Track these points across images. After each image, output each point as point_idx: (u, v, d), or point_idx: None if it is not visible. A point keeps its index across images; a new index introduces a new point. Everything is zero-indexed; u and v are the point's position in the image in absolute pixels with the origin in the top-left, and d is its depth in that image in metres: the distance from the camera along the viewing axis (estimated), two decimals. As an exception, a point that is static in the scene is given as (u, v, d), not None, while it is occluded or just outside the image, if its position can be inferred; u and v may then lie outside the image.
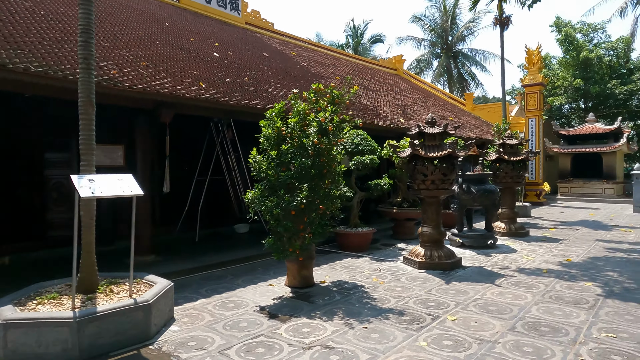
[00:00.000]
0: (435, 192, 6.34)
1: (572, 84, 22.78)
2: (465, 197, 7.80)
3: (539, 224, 11.42)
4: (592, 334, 3.82)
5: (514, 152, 9.35)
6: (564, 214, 14.18)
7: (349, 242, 7.72)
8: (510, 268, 6.38)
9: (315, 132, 5.03)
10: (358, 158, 7.58)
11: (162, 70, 6.43)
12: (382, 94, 14.18)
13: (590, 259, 6.95)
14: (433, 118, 6.55)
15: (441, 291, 5.20)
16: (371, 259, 7.08)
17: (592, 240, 8.74)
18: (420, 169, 6.34)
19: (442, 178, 6.29)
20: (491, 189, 7.88)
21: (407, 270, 6.32)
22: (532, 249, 7.83)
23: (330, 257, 7.25)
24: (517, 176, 9.30)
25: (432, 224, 6.51)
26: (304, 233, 5.07)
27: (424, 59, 31.86)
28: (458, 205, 8.10)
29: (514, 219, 9.51)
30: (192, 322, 4.22)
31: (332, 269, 6.41)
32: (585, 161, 20.54)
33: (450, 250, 6.59)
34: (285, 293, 5.20)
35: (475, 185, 7.87)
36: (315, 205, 5.01)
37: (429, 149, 6.33)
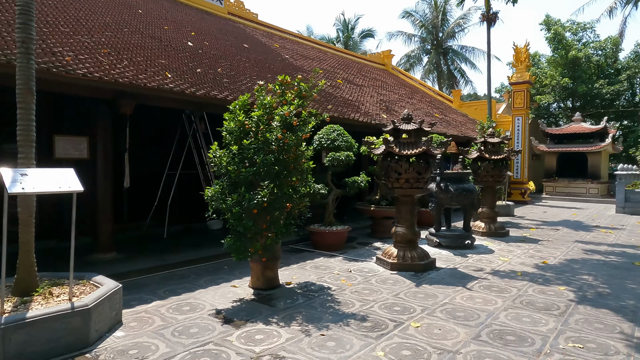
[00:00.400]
0: (410, 190, 6.13)
1: (560, 83, 22.74)
2: (443, 196, 7.61)
3: (521, 224, 11.30)
4: (559, 344, 3.64)
5: (496, 151, 9.18)
6: (547, 213, 14.12)
7: (323, 241, 7.49)
8: (484, 270, 6.20)
9: (279, 126, 4.77)
10: (333, 154, 7.34)
11: (125, 59, 6.10)
12: (367, 89, 13.93)
13: (567, 262, 6.81)
14: (409, 114, 6.33)
15: (410, 295, 5.00)
16: (344, 259, 6.87)
17: (572, 242, 8.62)
18: (394, 166, 6.12)
19: (417, 177, 6.07)
20: (470, 188, 7.70)
21: (379, 271, 6.11)
22: (509, 250, 7.68)
23: (303, 256, 7.02)
24: (498, 175, 9.13)
25: (406, 224, 6.31)
26: (267, 233, 4.82)
27: (413, 55, 31.66)
28: (435, 204, 7.91)
29: (494, 218, 9.36)
30: (140, 327, 3.96)
31: (302, 269, 6.18)
32: (570, 160, 20.55)
33: (424, 252, 6.40)
34: (246, 295, 4.95)
35: (453, 184, 7.68)
36: (279, 204, 4.76)
37: (403, 146, 6.11)
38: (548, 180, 20.84)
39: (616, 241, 8.77)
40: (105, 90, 5.53)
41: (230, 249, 4.67)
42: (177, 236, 8.20)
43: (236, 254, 4.68)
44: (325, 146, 7.54)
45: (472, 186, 7.79)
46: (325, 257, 6.97)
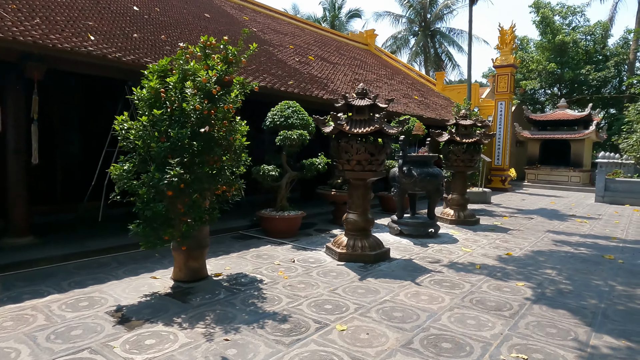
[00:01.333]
0: (362, 174, 5.53)
1: (547, 68, 22.18)
2: (406, 181, 7.04)
3: (494, 212, 10.83)
4: (500, 354, 3.11)
5: (467, 134, 8.60)
6: (525, 201, 13.68)
7: (274, 227, 6.89)
8: (441, 262, 5.67)
9: (197, 95, 4.10)
10: (285, 133, 6.68)
11: (39, 17, 5.33)
12: (341, 67, 13.21)
13: (532, 253, 6.31)
14: (364, 89, 5.68)
15: (349, 290, 4.44)
16: (293, 247, 6.29)
17: (543, 232, 8.15)
18: (345, 146, 5.50)
19: (369, 158, 5.47)
20: (434, 172, 7.13)
21: (326, 261, 5.55)
22: (475, 240, 7.16)
23: (248, 244, 6.43)
24: (469, 160, 8.57)
25: (358, 210, 5.73)
26: (186, 218, 4.20)
27: (400, 37, 30.79)
28: (398, 189, 7.34)
29: (464, 205, 8.84)
30: (14, 327, 3.34)
31: (241, 259, 5.58)
32: (554, 148, 20.14)
33: (377, 241, 5.84)
34: (163, 289, 4.35)
35: (417, 168, 7.10)
36: (198, 185, 4.13)
37: (355, 124, 5.48)
38: (530, 167, 20.44)
39: (590, 231, 8.32)
40: (10, 52, 4.78)
41: (137, 236, 4.04)
42: (115, 219, 7.51)
43: (144, 242, 4.05)
44: (278, 124, 6.88)
45: (437, 170, 7.22)
46: (273, 245, 6.39)
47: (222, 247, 6.14)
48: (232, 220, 7.58)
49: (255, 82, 4.51)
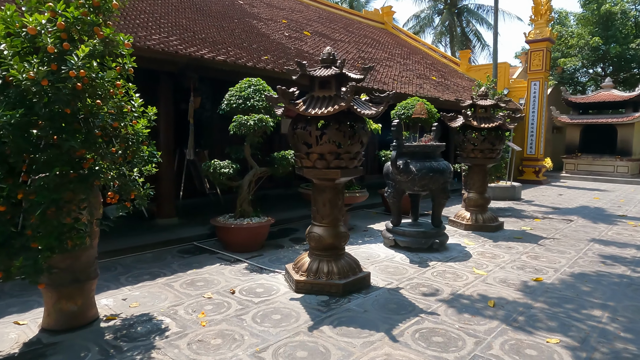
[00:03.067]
0: (326, 172, 3.98)
1: (589, 43, 19.58)
2: (402, 179, 5.41)
3: (524, 212, 8.99)
4: None
5: (487, 118, 6.84)
6: (562, 197, 11.68)
7: (230, 239, 5.45)
8: (440, 294, 4.07)
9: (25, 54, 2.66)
10: (239, 118, 5.18)
11: None
12: (344, 45, 11.55)
13: (572, 278, 4.59)
14: (330, 54, 4.08)
15: (285, 352, 2.94)
16: (247, 268, 4.82)
17: (586, 241, 6.34)
18: (301, 134, 3.96)
19: (336, 151, 3.91)
20: (439, 167, 5.47)
21: (278, 292, 4.06)
22: (494, 255, 5.48)
23: (192, 262, 5.01)
24: (489, 150, 6.82)
25: (325, 222, 4.19)
26: (36, 244, 2.80)
27: (424, 16, 28.49)
28: (392, 189, 5.73)
29: (484, 206, 7.11)
30: None
31: (164, 288, 4.17)
32: (597, 134, 17.74)
33: (352, 263, 4.29)
34: (12, 345, 2.99)
35: (417, 161, 5.46)
36: (47, 195, 2.71)
37: (315, 103, 3.92)
38: (569, 156, 18.14)
39: (649, 241, 6.45)
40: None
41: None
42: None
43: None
44: (235, 107, 5.39)
45: (444, 164, 5.55)
46: (223, 264, 4.94)
47: (153, 267, 4.75)
48: (187, 228, 6.20)
49: (129, 37, 3.01)
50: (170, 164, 6.37)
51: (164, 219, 6.39)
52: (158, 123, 6.26)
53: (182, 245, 5.73)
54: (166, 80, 6.19)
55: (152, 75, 6.22)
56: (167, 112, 6.29)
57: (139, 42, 5.12)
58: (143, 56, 5.16)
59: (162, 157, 6.48)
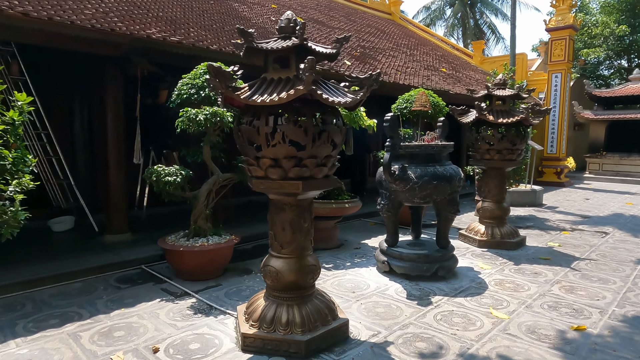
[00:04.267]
0: (282, 184, 2.84)
1: (615, 32, 18.02)
2: (399, 188, 4.24)
3: (548, 221, 7.72)
4: None
5: (506, 111, 5.62)
6: (590, 202, 10.35)
7: (181, 266, 4.36)
8: (444, 355, 2.90)
9: None
10: (187, 112, 4.06)
11: None
12: (342, 33, 10.39)
13: (626, 327, 3.38)
14: (291, 20, 2.92)
15: None
16: (192, 307, 3.71)
17: (631, 263, 5.09)
18: (247, 132, 2.83)
19: (294, 155, 2.78)
20: (446, 173, 4.29)
21: (219, 350, 2.95)
22: (516, 286, 4.28)
23: (125, 296, 3.92)
24: (509, 150, 5.61)
25: (285, 251, 3.06)
26: None
27: (435, 8, 27.07)
28: (386, 200, 4.56)
29: (502, 218, 5.89)
30: None
31: (66, 342, 3.08)
32: (624, 131, 16.25)
33: (325, 308, 3.14)
34: None
35: (417, 166, 4.30)
36: None
37: (267, 88, 2.78)
38: (593, 155, 16.68)
39: None
40: None
41: None
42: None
43: None
44: (186, 98, 4.28)
45: (451, 170, 4.36)
46: (164, 300, 3.84)
47: (72, 305, 3.68)
48: (138, 248, 5.12)
49: None
50: (121, 168, 5.30)
51: (113, 235, 5.33)
52: (104, 120, 5.20)
53: (125, 270, 4.65)
54: (114, 68, 5.12)
55: (101, 62, 5.17)
56: (115, 107, 5.23)
57: (61, 15, 4.05)
58: (67, 34, 4.10)
59: (110, 161, 5.47)
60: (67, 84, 6.40)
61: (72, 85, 6.44)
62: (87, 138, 6.46)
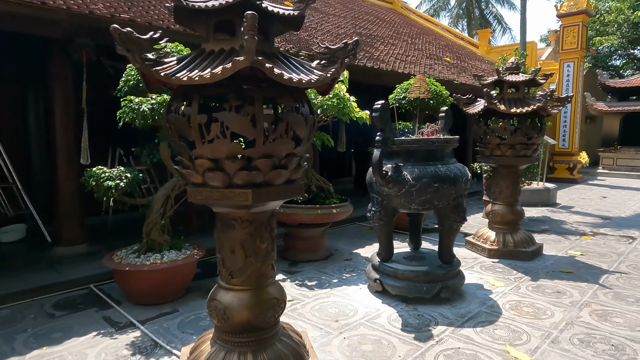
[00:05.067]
0: (226, 193, 2.08)
1: (630, 19, 17.05)
2: (392, 191, 3.48)
3: (565, 223, 6.93)
4: None
5: (519, 100, 4.83)
6: (607, 200, 9.53)
7: (131, 288, 3.63)
8: (447, 421, 2.15)
9: None
10: (131, 101, 3.31)
11: None
12: (335, 19, 9.62)
13: (685, 372, 2.61)
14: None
15: None
16: (132, 344, 2.98)
17: (670, 278, 4.30)
18: (176, 123, 2.08)
19: (239, 154, 2.03)
20: (449, 173, 3.52)
21: (146, 415, 2.21)
22: (536, 311, 3.51)
23: (55, 328, 3.20)
24: (523, 145, 4.82)
25: (237, 281, 2.31)
26: None
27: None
28: (378, 207, 3.80)
29: (515, 223, 5.11)
30: None
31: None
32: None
33: (290, 353, 2.39)
34: None
35: (414, 165, 3.53)
36: None
37: (202, 61, 2.02)
38: (606, 150, 15.81)
39: None
40: None
41: None
42: None
43: None
44: (133, 85, 3.53)
45: (456, 169, 3.59)
46: (101, 334, 3.12)
47: None
48: (90, 263, 4.38)
49: None
50: (72, 169, 4.57)
51: (64, 247, 4.61)
52: (52, 114, 4.47)
53: (70, 291, 3.93)
54: (59, 52, 4.38)
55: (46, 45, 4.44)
56: (65, 98, 4.50)
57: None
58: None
59: (59, 161, 4.74)
60: (17, 70, 5.68)
61: (24, 73, 5.71)
62: (43, 135, 5.74)
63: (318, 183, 4.90)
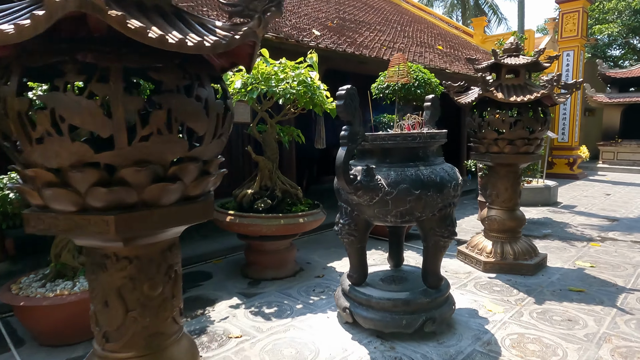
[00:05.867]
0: (74, 221, 1.33)
1: (631, 5, 16.34)
2: (363, 200, 2.73)
3: (570, 226, 6.23)
4: None
5: (520, 87, 4.09)
6: (612, 198, 8.86)
7: (34, 326, 2.87)
8: None
9: None
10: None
11: None
12: (317, 3, 8.84)
13: None
14: None
15: None
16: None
17: (701, 298, 3.60)
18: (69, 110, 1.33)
19: (88, 158, 1.27)
20: (434, 177, 2.77)
21: None
22: (544, 348, 2.79)
23: None
24: (524, 141, 4.08)
25: (116, 345, 1.56)
26: None
27: (432, -13, 25.30)
28: (347, 219, 3.05)
29: (515, 231, 4.39)
30: None
31: None
32: (642, 115, 14.72)
33: None
34: None
35: (390, 167, 2.79)
36: None
37: (10, 14, 1.26)
38: (607, 143, 15.17)
39: None
40: None
41: None
42: None
43: None
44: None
45: (444, 172, 2.85)
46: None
47: None
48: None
49: None
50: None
51: (-24, 266, 3.84)
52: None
53: (-33, 327, 3.16)
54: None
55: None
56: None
57: None
58: None
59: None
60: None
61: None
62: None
63: (284, 187, 4.15)
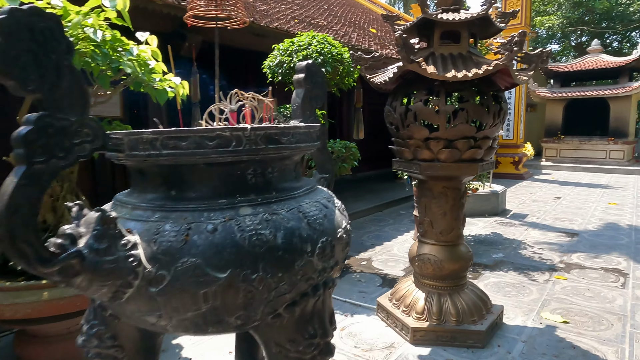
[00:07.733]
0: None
1: (571, -3, 15.96)
2: (99, 294, 1.06)
3: (525, 245, 4.95)
4: None
5: (463, 57, 2.59)
6: (563, 202, 7.86)
7: None
8: None
9: None
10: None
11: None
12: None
13: None
14: None
15: None
16: None
17: None
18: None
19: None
20: (273, 232, 1.15)
21: None
22: None
23: None
24: (469, 142, 2.58)
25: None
26: None
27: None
28: (99, 323, 1.37)
29: (458, 275, 2.90)
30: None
31: None
32: (584, 110, 14.28)
33: None
34: None
35: (170, 210, 1.13)
36: None
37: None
38: (550, 140, 14.63)
39: None
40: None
41: None
42: None
43: None
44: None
45: (306, 216, 1.25)
46: None
47: None
48: None
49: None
50: None
51: None
52: None
53: None
54: None
55: None
56: None
57: None
58: None
59: None
60: None
61: None
62: None
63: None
